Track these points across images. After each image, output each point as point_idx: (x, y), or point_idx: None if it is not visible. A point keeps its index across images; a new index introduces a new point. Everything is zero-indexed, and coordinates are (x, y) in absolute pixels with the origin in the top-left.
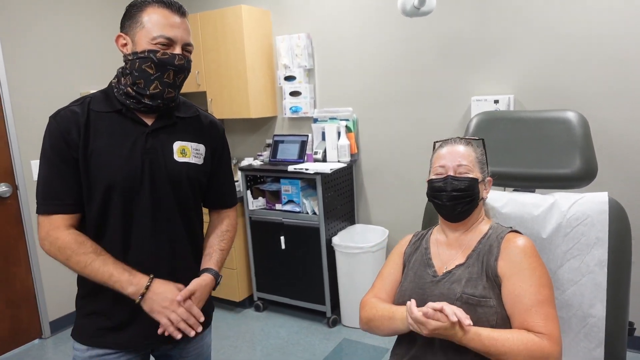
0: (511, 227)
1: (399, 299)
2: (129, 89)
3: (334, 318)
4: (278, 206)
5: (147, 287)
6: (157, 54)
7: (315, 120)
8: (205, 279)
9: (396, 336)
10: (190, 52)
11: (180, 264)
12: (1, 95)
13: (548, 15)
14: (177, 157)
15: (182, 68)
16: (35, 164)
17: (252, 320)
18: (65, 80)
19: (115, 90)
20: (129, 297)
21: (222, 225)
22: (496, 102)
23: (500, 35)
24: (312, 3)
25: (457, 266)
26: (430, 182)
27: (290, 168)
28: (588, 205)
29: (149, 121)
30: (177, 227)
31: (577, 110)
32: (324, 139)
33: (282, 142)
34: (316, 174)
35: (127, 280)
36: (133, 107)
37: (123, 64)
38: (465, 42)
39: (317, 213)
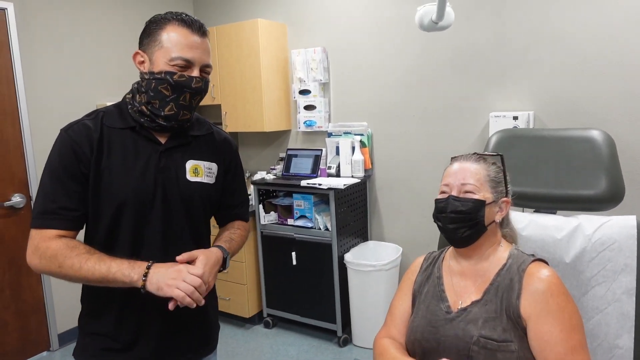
0: (533, 255)
1: (411, 336)
2: (143, 107)
3: (344, 337)
4: (290, 221)
5: (149, 268)
6: (174, 76)
7: (330, 135)
8: (211, 249)
9: None
10: (208, 73)
11: None
12: (19, 107)
13: (570, 29)
14: (190, 177)
15: (199, 90)
16: None
17: (261, 337)
18: (82, 92)
19: (129, 106)
20: (133, 285)
21: (234, 224)
22: (515, 118)
23: (520, 49)
24: (328, 17)
25: (472, 303)
26: (435, 202)
27: (303, 183)
28: (615, 229)
29: (162, 139)
30: (188, 245)
31: (600, 128)
32: (337, 153)
33: (296, 156)
34: (329, 189)
35: (128, 267)
36: (147, 125)
37: (139, 78)
38: (484, 56)
39: (330, 229)
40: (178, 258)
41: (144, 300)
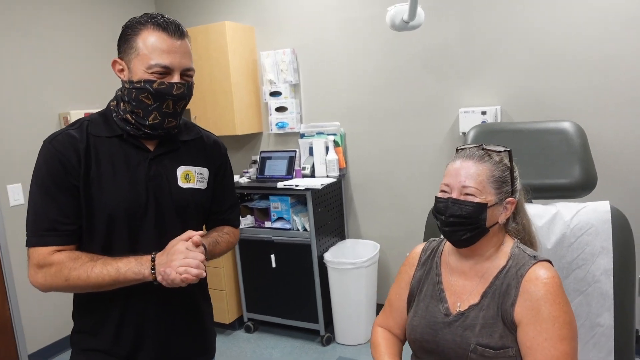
0: (534, 257)
1: (411, 334)
2: (128, 115)
3: (327, 336)
4: (267, 224)
5: (154, 260)
6: (154, 85)
7: (302, 136)
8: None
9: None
10: (191, 77)
11: (183, 290)
12: None
13: (533, 26)
14: (182, 183)
15: (181, 96)
16: (12, 189)
17: (243, 342)
18: (43, 101)
19: (114, 114)
20: (146, 281)
21: (224, 229)
22: (483, 113)
23: (485, 47)
24: (297, 18)
25: (470, 307)
26: (435, 199)
27: (280, 185)
28: (591, 214)
29: (150, 146)
30: None
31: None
32: (311, 154)
33: (270, 158)
34: (307, 189)
35: (136, 264)
36: (133, 133)
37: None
38: (452, 54)
39: (308, 229)
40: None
41: (141, 312)
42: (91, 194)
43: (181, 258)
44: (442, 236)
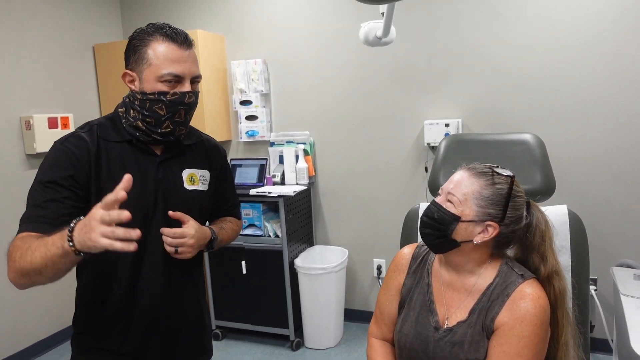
0: (522, 276)
1: (400, 340)
2: (138, 122)
3: (297, 341)
4: None
5: (71, 230)
6: (167, 96)
7: (272, 144)
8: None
9: None
10: (198, 82)
11: (188, 289)
12: None
13: (491, 46)
14: (187, 185)
15: (192, 105)
16: None
17: None
18: (4, 104)
19: (123, 120)
20: (68, 252)
21: (226, 218)
22: (447, 125)
23: (447, 64)
24: (268, 29)
25: (459, 323)
26: None
27: (253, 192)
28: (551, 217)
29: (157, 151)
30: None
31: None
32: (281, 162)
33: (240, 165)
34: (279, 196)
35: (60, 236)
36: (142, 139)
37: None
38: (417, 69)
39: (280, 236)
40: (170, 213)
41: (149, 310)
42: (102, 197)
43: (99, 223)
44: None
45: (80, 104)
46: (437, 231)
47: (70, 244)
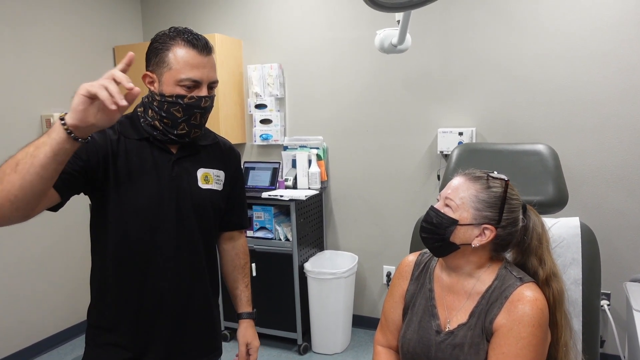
0: (521, 279)
1: (404, 346)
2: (156, 122)
3: (304, 345)
4: (249, 233)
5: (63, 119)
6: (185, 99)
7: (286, 148)
8: (246, 326)
9: None
10: (215, 87)
11: (198, 286)
12: None
13: (505, 55)
14: (201, 184)
15: (208, 109)
16: None
17: None
18: (25, 102)
19: (142, 119)
20: (61, 141)
21: (240, 259)
22: (460, 134)
23: (462, 73)
24: (284, 35)
25: (459, 326)
26: None
27: (265, 195)
28: (563, 229)
29: (173, 149)
30: (199, 251)
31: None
32: (294, 166)
33: (253, 168)
34: (291, 200)
35: (45, 132)
36: (160, 138)
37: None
38: (432, 77)
39: (290, 239)
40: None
41: (157, 304)
42: (119, 189)
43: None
44: None
45: None
46: (436, 235)
47: (63, 121)
